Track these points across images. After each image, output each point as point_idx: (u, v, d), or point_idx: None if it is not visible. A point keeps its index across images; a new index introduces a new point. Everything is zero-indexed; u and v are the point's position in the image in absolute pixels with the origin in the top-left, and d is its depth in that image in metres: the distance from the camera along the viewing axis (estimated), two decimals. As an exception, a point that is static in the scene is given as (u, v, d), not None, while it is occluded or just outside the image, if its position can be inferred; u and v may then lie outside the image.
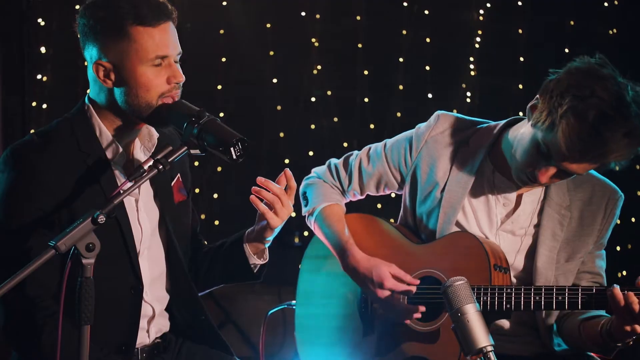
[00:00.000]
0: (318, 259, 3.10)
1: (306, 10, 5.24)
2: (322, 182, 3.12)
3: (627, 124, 2.57)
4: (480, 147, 2.90)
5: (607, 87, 2.59)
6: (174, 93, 2.52)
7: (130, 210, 2.61)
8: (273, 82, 5.25)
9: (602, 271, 2.94)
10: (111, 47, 2.49)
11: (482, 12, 5.35)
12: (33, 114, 4.85)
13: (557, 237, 2.87)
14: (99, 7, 2.50)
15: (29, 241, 2.44)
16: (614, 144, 2.57)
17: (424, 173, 2.96)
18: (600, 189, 2.91)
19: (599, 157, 2.62)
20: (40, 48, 4.84)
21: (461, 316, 2.25)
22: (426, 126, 3.00)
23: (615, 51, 5.40)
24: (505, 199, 2.89)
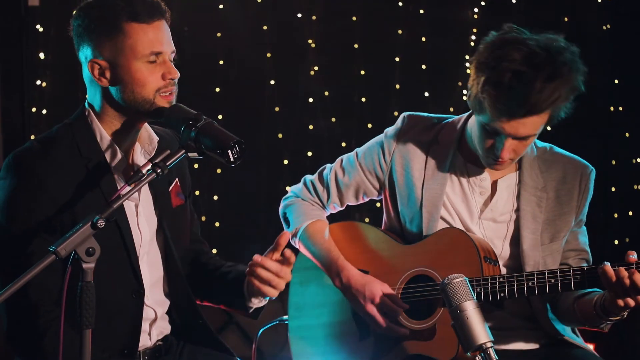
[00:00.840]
0: (307, 270, 3.10)
1: (302, 12, 5.26)
2: (301, 201, 3.12)
3: (541, 72, 2.65)
4: (449, 142, 2.96)
5: (512, 49, 2.68)
6: (170, 89, 2.54)
7: (130, 215, 2.62)
8: (271, 83, 5.27)
9: (586, 246, 3.00)
10: (106, 44, 2.51)
11: (476, 10, 5.38)
12: (33, 120, 4.87)
13: (537, 218, 2.91)
14: (93, 7, 2.53)
15: (31, 246, 2.46)
16: (538, 94, 2.65)
17: (400, 175, 2.99)
18: (572, 167, 2.96)
19: (532, 109, 2.68)
20: (39, 54, 4.86)
21: (460, 313, 2.27)
22: (394, 129, 3.03)
23: (609, 46, 5.44)
24: (480, 187, 2.94)
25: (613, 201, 5.32)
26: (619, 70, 5.47)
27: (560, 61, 2.69)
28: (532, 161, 2.94)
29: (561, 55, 2.70)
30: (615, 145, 5.48)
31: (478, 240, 2.87)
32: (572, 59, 2.72)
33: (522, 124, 2.72)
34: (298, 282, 3.16)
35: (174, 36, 2.62)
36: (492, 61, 2.70)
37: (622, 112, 5.51)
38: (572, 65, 2.71)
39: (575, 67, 2.72)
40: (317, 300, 3.11)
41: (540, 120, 2.74)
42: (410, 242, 2.98)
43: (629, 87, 5.48)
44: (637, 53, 5.45)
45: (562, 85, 2.69)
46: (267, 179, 5.29)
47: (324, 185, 3.11)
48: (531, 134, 2.76)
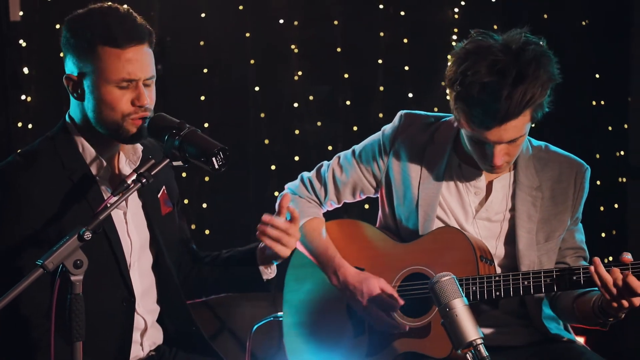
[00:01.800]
0: (303, 267, 3.11)
1: (284, 18, 5.27)
2: (298, 198, 3.12)
3: (507, 78, 2.63)
4: (445, 142, 2.95)
5: (476, 60, 2.67)
6: (139, 115, 2.51)
7: (119, 224, 2.63)
8: (255, 90, 5.28)
9: (583, 244, 2.99)
10: (82, 62, 2.51)
11: (457, 10, 5.40)
12: (19, 135, 4.87)
13: (532, 218, 2.90)
14: (75, 22, 2.54)
15: (18, 261, 2.46)
16: (508, 100, 2.63)
17: (397, 174, 3.00)
18: (567, 165, 2.95)
19: (507, 116, 2.66)
20: (23, 69, 4.86)
21: (449, 311, 2.27)
22: (391, 127, 3.03)
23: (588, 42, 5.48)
24: (476, 187, 2.94)
25: (599, 195, 5.35)
26: (599, 65, 5.50)
27: (525, 61, 2.66)
28: (528, 160, 2.93)
29: (525, 53, 2.67)
30: (599, 139, 5.52)
31: (474, 239, 2.88)
32: (537, 54, 2.68)
33: (503, 130, 2.69)
34: (293, 279, 3.17)
35: (156, 47, 2.62)
36: (459, 75, 2.70)
37: (603, 106, 5.55)
38: (538, 61, 2.67)
39: (542, 61, 2.68)
40: (312, 297, 3.12)
41: (522, 122, 2.71)
42: (406, 240, 2.99)
43: (609, 81, 5.52)
44: (615, 47, 5.50)
45: (532, 85, 2.66)
46: (255, 185, 5.30)
47: (321, 182, 3.11)
48: (517, 136, 2.74)
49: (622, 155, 5.53)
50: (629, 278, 2.61)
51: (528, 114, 2.72)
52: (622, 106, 5.54)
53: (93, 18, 2.51)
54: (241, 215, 5.27)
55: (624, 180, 5.54)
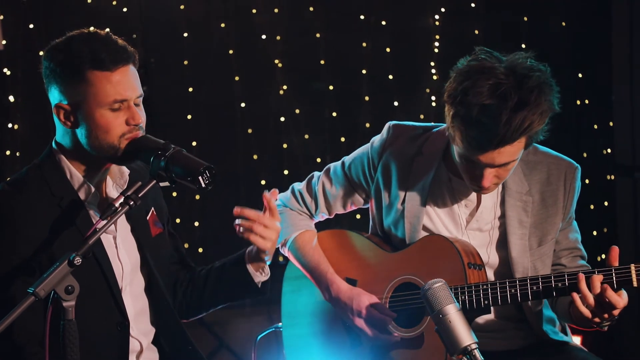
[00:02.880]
0: (298, 279, 3.12)
1: (266, 33, 5.30)
2: (289, 211, 3.13)
3: (508, 103, 2.59)
4: (434, 155, 2.93)
5: (478, 80, 2.63)
6: (134, 134, 2.54)
7: (109, 248, 2.63)
8: (241, 106, 5.30)
9: (578, 244, 2.97)
10: (70, 90, 2.52)
11: (437, 17, 5.43)
12: (8, 163, 4.87)
13: (524, 223, 2.89)
14: (59, 50, 2.53)
15: (10, 290, 2.46)
16: (507, 125, 2.59)
17: (385, 186, 3.00)
18: (555, 166, 2.92)
19: (503, 141, 2.62)
20: (8, 97, 4.87)
21: (443, 317, 2.28)
22: (380, 139, 3.03)
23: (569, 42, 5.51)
24: (466, 200, 2.93)
25: (588, 193, 5.34)
26: (581, 65, 5.53)
27: (528, 88, 2.62)
28: (515, 166, 2.86)
29: (529, 81, 2.63)
30: (585, 138, 5.55)
31: (462, 245, 2.87)
32: (540, 81, 2.64)
33: (497, 154, 2.66)
34: (290, 290, 3.18)
35: (140, 69, 2.63)
36: (459, 94, 2.65)
37: (588, 105, 5.58)
38: (540, 89, 2.63)
39: (544, 89, 2.64)
40: (309, 309, 3.13)
41: (516, 148, 2.68)
42: (397, 247, 2.99)
43: (592, 80, 5.55)
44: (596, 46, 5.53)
45: (532, 112, 2.61)
46: (246, 200, 5.28)
47: (311, 195, 3.12)
48: (509, 160, 2.71)
49: (609, 153, 5.56)
50: (607, 292, 2.61)
51: (523, 141, 2.69)
52: (606, 104, 5.57)
53: (77, 44, 2.51)
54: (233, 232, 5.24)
55: (612, 178, 5.57)
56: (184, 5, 5.18)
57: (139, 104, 2.57)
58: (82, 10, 4.97)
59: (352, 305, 2.95)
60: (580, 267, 2.95)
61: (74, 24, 2.80)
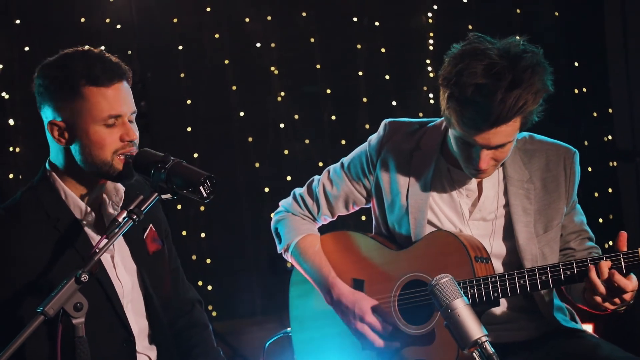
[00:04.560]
0: (305, 283, 3.12)
1: (260, 41, 5.31)
2: (291, 215, 3.14)
3: (502, 82, 2.61)
4: (432, 148, 2.95)
5: (472, 61, 2.65)
6: (128, 150, 2.54)
7: (108, 267, 2.63)
8: (240, 115, 5.31)
9: (585, 225, 2.98)
10: (65, 106, 2.52)
11: (430, 15, 5.43)
12: (10, 186, 4.88)
13: (528, 211, 2.90)
14: (53, 67, 2.54)
15: (14, 314, 2.46)
16: (501, 104, 2.62)
17: (385, 183, 3.00)
18: (554, 153, 2.94)
19: (498, 120, 2.64)
20: (8, 121, 4.89)
21: (451, 312, 2.28)
22: (377, 137, 3.04)
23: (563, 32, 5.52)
24: (467, 190, 2.94)
25: (591, 181, 5.37)
26: (576, 53, 5.54)
27: (521, 67, 2.64)
28: (514, 154, 2.91)
29: (522, 61, 2.65)
30: (585, 126, 5.55)
31: (467, 239, 2.87)
32: (533, 62, 2.67)
33: (492, 135, 2.68)
34: (297, 295, 3.18)
35: (138, 84, 2.64)
36: (454, 76, 2.67)
37: (586, 93, 5.58)
38: (534, 69, 2.65)
39: (537, 69, 2.66)
40: (317, 312, 3.12)
41: (512, 128, 2.70)
42: (402, 246, 3.00)
43: (588, 68, 5.55)
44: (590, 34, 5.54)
45: (526, 91, 2.64)
46: (249, 209, 5.32)
47: (313, 198, 3.12)
48: (505, 142, 2.72)
49: (610, 139, 5.56)
50: (615, 277, 2.61)
51: (519, 121, 2.70)
52: (603, 92, 5.57)
53: (72, 61, 2.53)
54: (239, 241, 5.29)
55: (614, 164, 5.57)
56: (177, 19, 5.20)
57: (132, 120, 2.58)
58: (76, 29, 4.99)
59: (354, 309, 2.96)
60: (588, 248, 2.97)
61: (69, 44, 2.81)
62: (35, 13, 4.95)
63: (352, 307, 2.96)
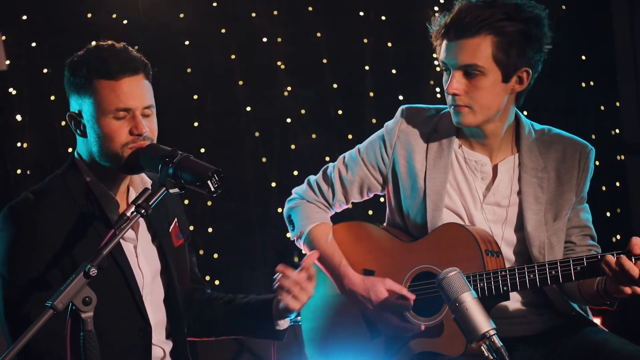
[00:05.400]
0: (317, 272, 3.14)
1: (267, 36, 5.31)
2: (305, 202, 3.15)
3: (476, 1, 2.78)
4: (448, 131, 2.98)
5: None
6: (138, 144, 2.57)
7: (130, 256, 2.66)
8: (247, 110, 5.31)
9: (589, 223, 3.01)
10: (80, 98, 2.61)
11: (436, 8, 5.43)
12: (19, 182, 4.90)
13: (539, 199, 2.92)
14: (74, 61, 2.63)
15: (35, 296, 2.49)
16: (465, 10, 2.78)
17: (402, 167, 3.02)
18: (571, 146, 2.98)
19: (461, 27, 2.77)
20: (16, 116, 4.90)
21: (459, 305, 2.28)
22: (394, 122, 3.06)
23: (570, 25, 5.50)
24: (482, 172, 2.96)
25: (599, 175, 5.31)
26: (583, 47, 5.52)
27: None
28: (531, 143, 2.96)
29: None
30: (593, 119, 5.54)
31: (478, 232, 2.88)
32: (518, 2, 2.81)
33: (458, 48, 2.78)
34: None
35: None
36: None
37: (593, 86, 5.57)
38: (518, 2, 2.79)
39: (525, 2, 2.80)
40: (327, 301, 3.14)
41: (478, 47, 2.77)
42: (414, 236, 3.01)
43: (595, 61, 5.54)
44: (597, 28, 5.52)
45: (497, 7, 2.76)
46: (257, 204, 5.32)
47: (328, 184, 3.13)
48: (471, 62, 2.78)
49: (617, 133, 5.55)
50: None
51: (488, 43, 2.77)
52: (611, 85, 5.56)
53: (89, 55, 2.61)
54: (246, 236, 5.29)
55: (622, 158, 5.56)
56: (184, 14, 5.20)
57: (148, 114, 2.62)
58: (83, 25, 4.99)
59: (369, 296, 2.96)
60: (589, 246, 2.99)
61: (76, 40, 2.83)
62: (41, 9, 4.96)
63: (367, 295, 2.97)
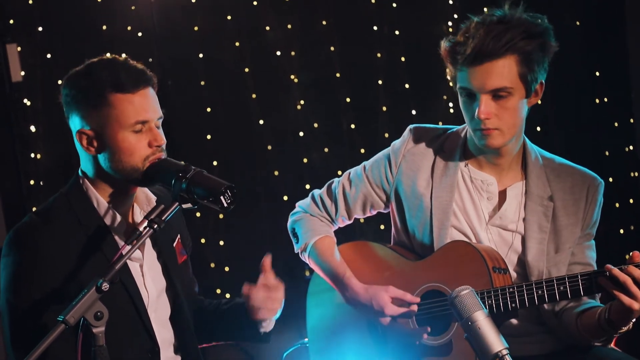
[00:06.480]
0: (322, 293, 3.14)
1: (281, 49, 5.32)
2: (309, 216, 3.16)
3: (492, 18, 2.76)
4: (454, 149, 2.97)
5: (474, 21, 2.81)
6: (157, 156, 2.57)
7: (136, 275, 2.65)
8: (260, 123, 5.32)
9: (593, 261, 2.97)
10: (92, 114, 2.56)
11: (450, 23, 5.43)
12: (32, 192, 4.92)
13: (543, 228, 2.90)
14: (80, 77, 2.58)
15: (41, 319, 2.48)
16: (488, 34, 2.72)
17: (407, 187, 3.02)
18: (580, 178, 2.94)
19: (486, 51, 2.72)
20: (30, 127, 4.92)
21: (472, 324, 2.28)
22: (401, 141, 3.07)
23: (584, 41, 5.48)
24: (488, 192, 2.94)
25: (612, 191, 5.32)
26: (597, 63, 5.51)
27: (512, 12, 2.79)
28: (539, 170, 2.94)
29: (516, 11, 2.79)
30: (607, 136, 5.51)
31: (485, 250, 2.87)
32: (528, 15, 2.80)
33: (485, 72, 2.74)
34: (314, 305, 3.19)
35: (158, 91, 2.67)
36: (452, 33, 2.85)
37: (607, 102, 5.55)
38: (526, 15, 2.78)
39: (530, 16, 2.79)
40: (334, 322, 3.14)
41: (505, 69, 2.74)
42: (420, 255, 3.00)
43: (609, 77, 5.52)
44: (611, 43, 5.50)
45: (514, 27, 2.74)
46: (268, 217, 5.32)
47: (332, 199, 3.14)
48: (500, 86, 2.75)
49: (632, 150, 5.52)
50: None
51: (513, 63, 2.75)
52: (625, 101, 5.53)
53: (97, 70, 2.56)
54: (258, 249, 5.24)
55: (636, 175, 5.53)
56: (198, 27, 5.22)
57: (159, 126, 2.61)
58: (98, 37, 5.02)
59: (372, 306, 2.95)
60: None
61: (91, 51, 2.83)
62: (57, 20, 4.99)
63: (370, 304, 2.96)
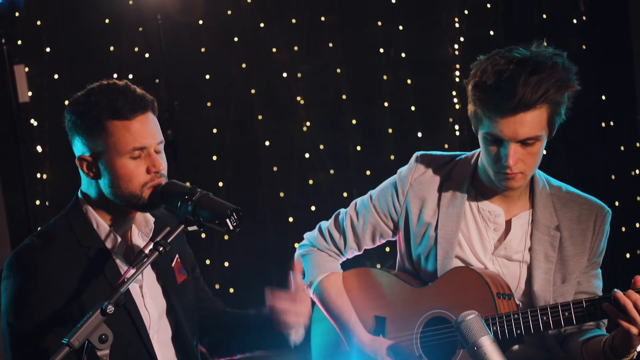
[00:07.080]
0: (326, 320, 3.11)
1: (287, 71, 5.34)
2: (316, 251, 3.13)
3: (524, 67, 2.69)
4: (462, 178, 2.94)
5: (497, 57, 2.77)
6: (156, 182, 2.56)
7: (136, 297, 2.64)
8: (266, 144, 5.33)
9: (599, 290, 2.93)
10: (91, 141, 2.55)
11: (456, 46, 5.45)
12: (37, 213, 4.93)
13: (550, 258, 2.88)
14: (79, 103, 2.57)
15: (43, 342, 2.47)
16: (524, 86, 2.66)
17: (414, 215, 2.99)
18: (587, 207, 2.92)
19: (521, 103, 2.67)
20: (36, 147, 4.94)
21: (477, 349, 2.27)
22: (408, 169, 3.04)
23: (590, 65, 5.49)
24: (495, 223, 2.92)
25: (618, 215, 5.29)
26: (604, 87, 5.52)
27: (543, 57, 2.74)
28: (546, 199, 2.90)
29: (544, 53, 2.76)
30: (613, 160, 5.51)
31: (489, 275, 2.85)
32: (555, 55, 2.76)
33: (518, 123, 2.69)
34: (319, 333, 3.16)
35: (165, 112, 2.67)
36: (479, 71, 2.76)
37: (613, 126, 5.55)
38: (555, 60, 2.74)
39: (559, 61, 2.74)
40: (339, 350, 3.11)
41: (537, 118, 2.71)
42: (425, 282, 2.97)
43: (616, 102, 5.53)
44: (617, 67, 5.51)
45: (548, 78, 2.70)
46: (274, 239, 5.32)
47: (340, 231, 3.11)
48: (532, 135, 2.72)
49: (638, 174, 5.51)
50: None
51: (544, 112, 2.72)
52: (632, 125, 5.53)
53: (95, 96, 2.55)
54: (263, 271, 5.28)
55: (642, 199, 5.52)
56: (205, 48, 5.25)
57: (160, 150, 2.60)
58: (105, 58, 5.05)
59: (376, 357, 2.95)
60: None
61: (98, 72, 2.84)
62: (64, 42, 5.03)
63: (375, 356, 2.95)
